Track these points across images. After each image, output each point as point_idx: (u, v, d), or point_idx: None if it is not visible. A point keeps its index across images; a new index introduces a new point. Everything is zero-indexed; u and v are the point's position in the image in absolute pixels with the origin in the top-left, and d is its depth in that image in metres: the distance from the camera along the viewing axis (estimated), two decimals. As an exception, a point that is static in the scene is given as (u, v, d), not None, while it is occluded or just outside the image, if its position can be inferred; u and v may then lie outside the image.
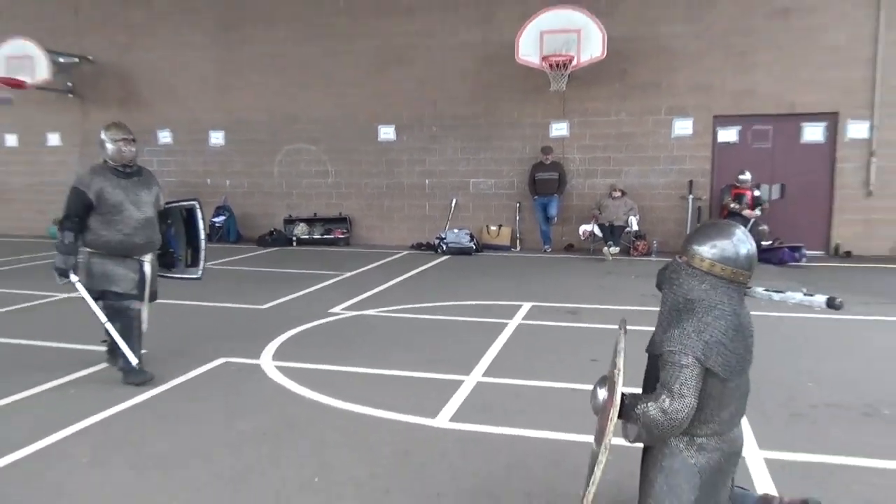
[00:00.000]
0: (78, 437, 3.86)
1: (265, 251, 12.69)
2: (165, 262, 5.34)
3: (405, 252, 12.51)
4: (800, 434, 3.89)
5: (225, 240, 13.76)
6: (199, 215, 5.41)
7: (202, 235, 5.44)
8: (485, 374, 4.99)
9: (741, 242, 2.47)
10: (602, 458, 2.37)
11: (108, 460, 3.55)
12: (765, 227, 10.78)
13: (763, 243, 10.52)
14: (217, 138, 14.30)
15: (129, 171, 4.80)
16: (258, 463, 3.53)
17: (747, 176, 11.02)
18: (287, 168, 14.03)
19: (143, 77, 14.58)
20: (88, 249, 4.75)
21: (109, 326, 4.74)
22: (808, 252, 10.72)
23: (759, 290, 2.66)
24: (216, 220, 13.80)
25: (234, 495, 3.19)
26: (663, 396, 2.37)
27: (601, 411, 2.55)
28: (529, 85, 12.26)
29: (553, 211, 12.27)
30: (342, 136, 13.58)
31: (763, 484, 3.25)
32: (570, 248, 12.46)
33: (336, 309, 7.23)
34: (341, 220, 13.71)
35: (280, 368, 5.11)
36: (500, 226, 12.90)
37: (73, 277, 4.66)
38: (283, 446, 3.73)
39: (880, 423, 4.03)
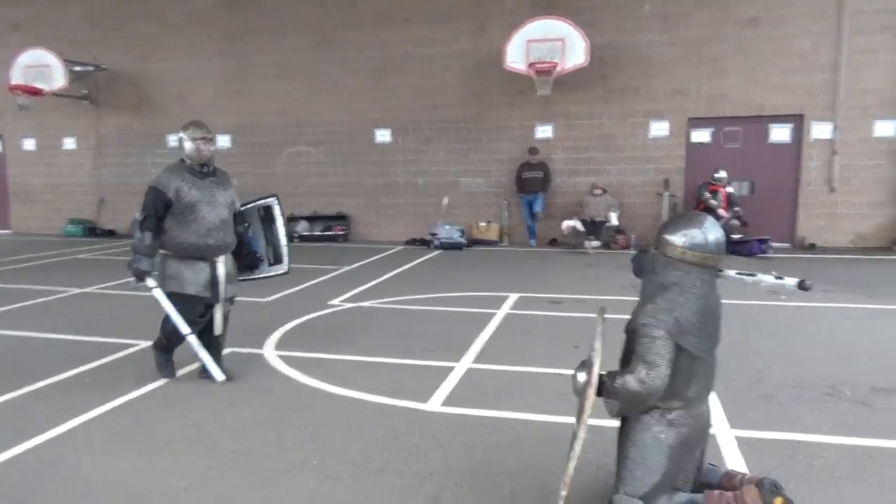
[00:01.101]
0: (92, 423, 3.83)
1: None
2: (248, 263, 4.85)
3: (400, 247, 12.49)
4: (767, 413, 3.90)
5: (232, 237, 13.68)
6: (278, 212, 4.96)
7: (282, 232, 4.99)
8: (475, 361, 4.98)
9: (709, 230, 2.51)
10: (581, 435, 2.38)
11: (120, 446, 3.52)
12: (735, 221, 10.80)
13: (733, 236, 10.56)
14: (224, 141, 14.21)
15: (205, 171, 4.44)
16: (261, 446, 3.51)
17: (723, 174, 11.05)
18: (290, 169, 13.96)
19: (156, 85, 14.48)
20: (163, 252, 4.41)
21: (193, 339, 4.43)
22: (774, 244, 10.76)
23: (732, 272, 2.69)
24: (224, 218, 13.72)
25: (238, 476, 3.17)
26: (640, 367, 2.41)
27: (581, 393, 2.56)
28: (516, 90, 12.25)
29: (538, 208, 12.29)
30: (342, 139, 13.53)
31: (733, 460, 3.25)
32: (554, 242, 12.47)
33: (335, 301, 7.20)
34: (340, 218, 13.66)
35: (282, 357, 5.09)
36: (488, 222, 12.88)
37: (151, 283, 4.29)
38: (285, 430, 3.72)
39: (841, 403, 4.04)
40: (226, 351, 5.25)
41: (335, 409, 4.02)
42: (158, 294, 4.36)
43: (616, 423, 2.71)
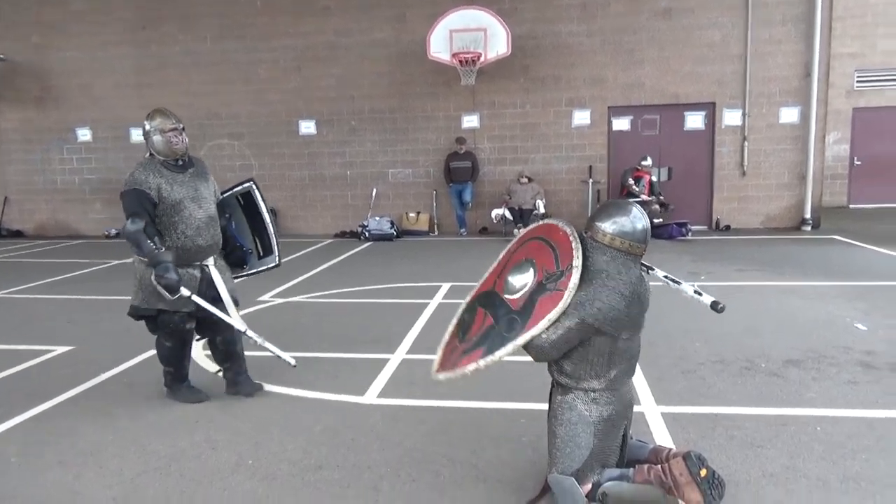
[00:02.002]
0: (3, 437, 3.62)
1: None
2: (237, 259, 4.28)
3: (330, 240, 12.34)
4: (690, 389, 4.10)
5: (151, 235, 13.15)
6: (259, 196, 4.32)
7: (268, 219, 4.35)
8: (409, 352, 5.00)
9: (637, 219, 2.61)
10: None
11: (38, 458, 3.35)
12: (655, 206, 11.23)
13: (655, 220, 11.01)
14: (138, 135, 13.52)
15: (182, 164, 3.88)
16: (192, 448, 3.42)
17: (649, 161, 11.47)
18: (211, 162, 13.42)
19: (60, 75, 13.67)
20: (143, 259, 3.76)
21: (252, 333, 3.96)
22: (693, 227, 11.27)
23: (661, 273, 2.83)
24: (141, 215, 13.17)
25: (170, 481, 3.07)
26: (543, 336, 2.54)
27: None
28: (441, 80, 12.28)
29: (467, 197, 12.39)
30: (264, 131, 13.19)
31: (660, 435, 3.40)
32: (484, 231, 12.61)
33: (265, 297, 7.05)
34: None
35: (210, 357, 4.94)
36: (418, 212, 12.89)
37: (185, 292, 3.72)
38: (217, 431, 3.63)
39: (758, 376, 4.29)
40: (151, 352, 5.08)
41: (270, 407, 3.95)
42: (199, 299, 3.83)
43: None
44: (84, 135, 13.80)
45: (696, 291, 2.80)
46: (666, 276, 2.85)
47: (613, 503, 2.62)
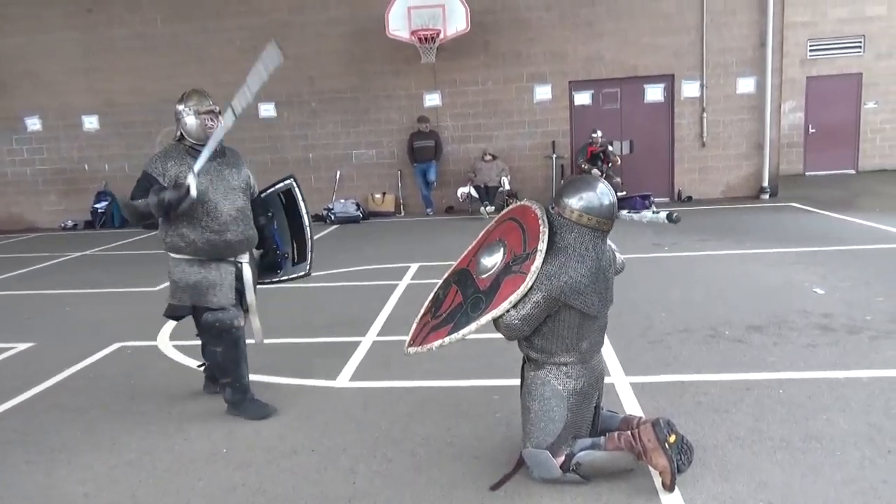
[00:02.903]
0: (-31, 437, 3.53)
1: (152, 233, 11.89)
2: (270, 263, 4.00)
3: (294, 224, 12.18)
4: (657, 358, 4.19)
5: (109, 225, 12.84)
6: (299, 195, 4.00)
7: (307, 221, 4.01)
8: (380, 334, 5.00)
9: (603, 195, 2.64)
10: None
11: (4, 458, 3.28)
12: (618, 180, 11.36)
13: (618, 193, 11.13)
14: (91, 122, 13.19)
15: (216, 151, 3.56)
16: (165, 439, 3.38)
17: (598, 134, 11.54)
18: (168, 149, 13.17)
19: (4, 62, 13.10)
20: (173, 255, 3.57)
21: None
22: (655, 199, 11.44)
23: (623, 213, 2.90)
24: (98, 206, 12.85)
25: (143, 474, 3.04)
26: (512, 313, 2.58)
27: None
28: (402, 58, 12.13)
29: (432, 176, 12.35)
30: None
31: (630, 405, 3.48)
32: (450, 209, 12.61)
33: (231, 284, 6.96)
34: (228, 198, 13.11)
35: (178, 347, 4.89)
36: (384, 193, 12.82)
37: (190, 178, 3.33)
38: (189, 421, 3.59)
39: (722, 342, 4.41)
40: (116, 345, 5.00)
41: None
42: (192, 182, 3.35)
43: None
44: (34, 124, 13.32)
45: (653, 212, 2.91)
46: (628, 212, 2.96)
47: (587, 471, 2.69)
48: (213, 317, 3.50)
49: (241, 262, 3.64)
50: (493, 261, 2.73)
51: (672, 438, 2.67)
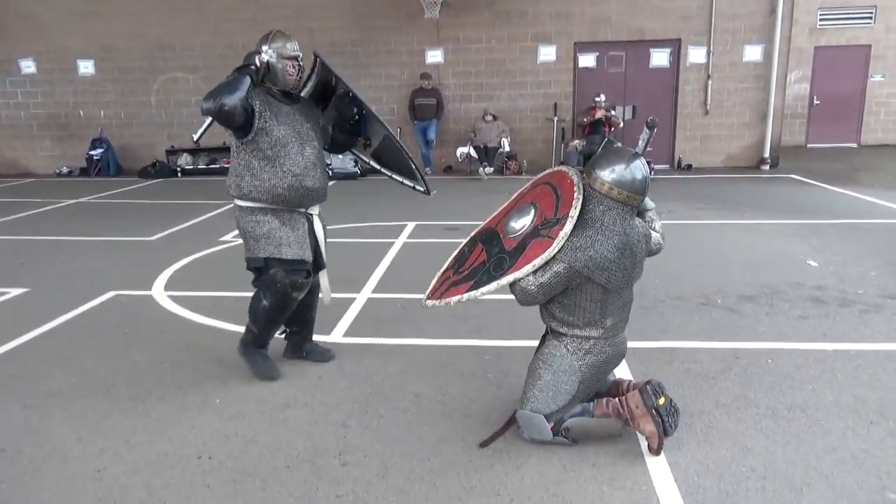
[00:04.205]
0: (-36, 379, 3.56)
1: (148, 183, 11.88)
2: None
3: (292, 179, 12.10)
4: (649, 324, 4.22)
5: (105, 173, 12.73)
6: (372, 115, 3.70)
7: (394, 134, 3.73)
8: (374, 291, 5.02)
9: (637, 169, 2.59)
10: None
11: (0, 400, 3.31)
12: (619, 145, 11.22)
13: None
14: (87, 67, 12.96)
15: (292, 97, 3.42)
16: (158, 388, 3.42)
17: (602, 97, 11.37)
18: (165, 97, 13.01)
19: (-2, 3, 12.85)
20: (244, 204, 3.32)
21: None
22: (656, 166, 11.38)
23: (617, 145, 2.83)
24: (93, 152, 12.70)
25: (137, 422, 3.08)
26: (530, 279, 2.57)
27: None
28: (404, 13, 11.90)
29: (432, 135, 12.23)
30: (220, 64, 12.61)
31: (620, 369, 3.51)
32: (448, 169, 12.53)
33: (227, 237, 6.95)
34: (226, 150, 12.95)
35: (173, 298, 4.90)
36: (382, 150, 12.69)
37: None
38: (182, 371, 3.62)
39: (714, 311, 4.44)
40: (110, 293, 5.01)
41: (234, 348, 3.93)
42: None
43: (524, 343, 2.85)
44: (28, 67, 13.08)
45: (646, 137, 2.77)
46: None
47: (576, 436, 2.73)
48: (280, 277, 3.31)
49: (311, 214, 3.48)
50: (522, 223, 2.71)
51: (661, 401, 2.70)
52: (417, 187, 3.96)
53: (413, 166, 3.86)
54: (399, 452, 2.77)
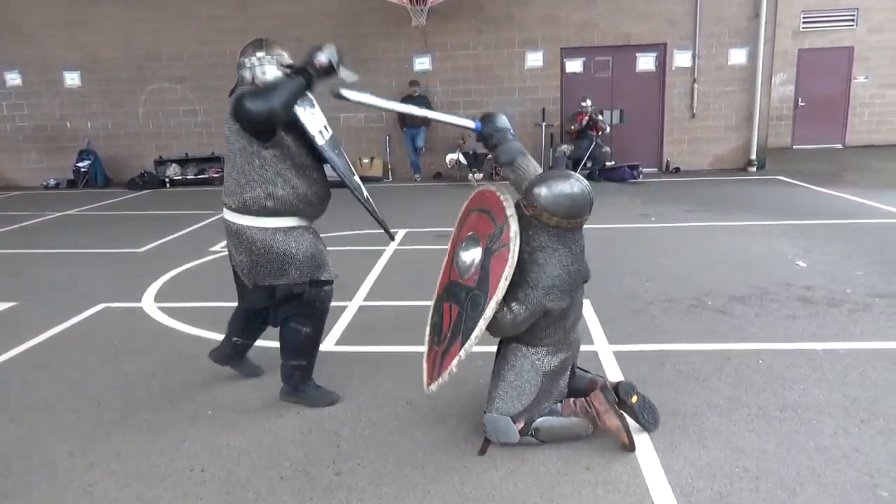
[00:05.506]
0: (-49, 395, 3.52)
1: (137, 194, 11.81)
2: None
3: (281, 187, 12.07)
4: (640, 327, 4.23)
5: (92, 184, 12.65)
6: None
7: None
8: (366, 299, 5.01)
9: (577, 196, 2.56)
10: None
11: (-12, 415, 3.28)
12: (607, 150, 11.34)
13: (606, 163, 11.18)
14: (73, 79, 12.88)
15: None
16: (149, 400, 3.39)
17: (588, 103, 11.47)
18: (153, 108, 12.96)
19: (-20, 13, 12.76)
20: (269, 224, 2.97)
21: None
22: (644, 169, 11.44)
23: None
24: (81, 164, 12.61)
25: (128, 434, 3.06)
26: (511, 316, 2.60)
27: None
28: (391, 20, 11.92)
29: (421, 142, 12.25)
30: (208, 73, 12.64)
31: (612, 373, 3.52)
32: (438, 176, 12.54)
33: (217, 247, 6.91)
34: (215, 160, 12.93)
35: (163, 309, 4.87)
36: (372, 158, 12.71)
37: (348, 76, 3.05)
38: (173, 383, 3.60)
39: (705, 312, 4.46)
40: (100, 305, 4.97)
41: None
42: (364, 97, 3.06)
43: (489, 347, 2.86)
44: (13, 79, 12.99)
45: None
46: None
47: (544, 437, 2.77)
48: (322, 293, 3.09)
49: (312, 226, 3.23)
50: (471, 255, 2.67)
51: (633, 399, 2.79)
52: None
53: (374, 219, 3.51)
54: (393, 460, 2.77)
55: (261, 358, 3.69)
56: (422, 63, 12.37)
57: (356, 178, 3.36)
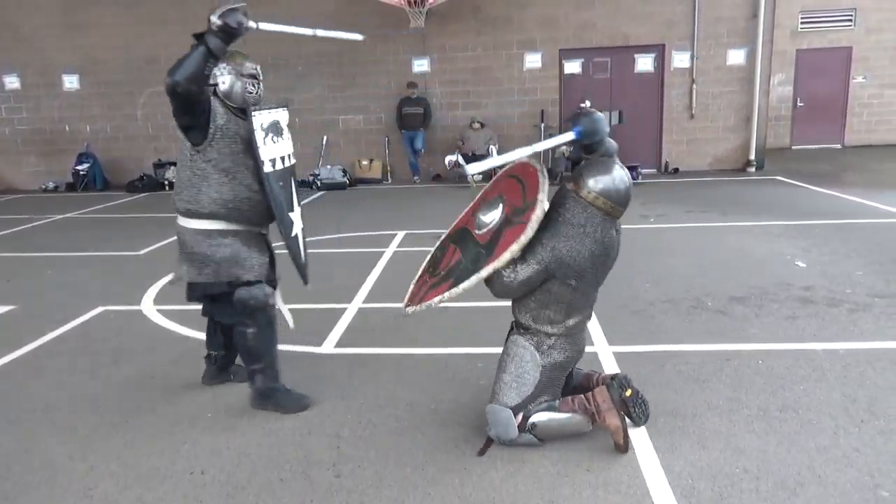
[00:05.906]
0: (-49, 398, 3.52)
1: (136, 197, 11.81)
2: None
3: (280, 190, 12.07)
4: (640, 328, 4.24)
5: (91, 187, 12.64)
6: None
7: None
8: (365, 301, 5.01)
9: (621, 181, 2.66)
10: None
11: (-13, 418, 3.27)
12: (604, 159, 11.33)
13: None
14: (71, 82, 12.89)
15: (245, 113, 3.14)
16: (149, 402, 3.39)
17: (587, 104, 11.45)
18: (152, 111, 12.95)
19: (-21, 17, 12.77)
20: (199, 226, 3.07)
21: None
22: (643, 170, 11.45)
23: (526, 151, 2.78)
24: (80, 167, 12.61)
25: (128, 436, 3.05)
26: (512, 274, 2.62)
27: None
28: (390, 22, 11.92)
29: (420, 144, 12.25)
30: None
31: (610, 371, 3.52)
32: (437, 177, 12.54)
33: (215, 249, 6.92)
34: (213, 162, 12.94)
35: (162, 312, 4.87)
36: (371, 160, 12.71)
37: (251, 24, 3.01)
38: (173, 385, 3.60)
39: (705, 313, 4.46)
40: (99, 309, 4.97)
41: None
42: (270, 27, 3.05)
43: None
44: (12, 82, 13.00)
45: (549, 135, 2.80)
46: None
47: (542, 433, 2.77)
48: (248, 293, 3.10)
49: (263, 232, 3.28)
50: (492, 216, 2.74)
51: (628, 392, 2.80)
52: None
53: (294, 262, 3.39)
54: (393, 462, 2.77)
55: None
56: (420, 65, 12.38)
57: (294, 214, 3.34)
